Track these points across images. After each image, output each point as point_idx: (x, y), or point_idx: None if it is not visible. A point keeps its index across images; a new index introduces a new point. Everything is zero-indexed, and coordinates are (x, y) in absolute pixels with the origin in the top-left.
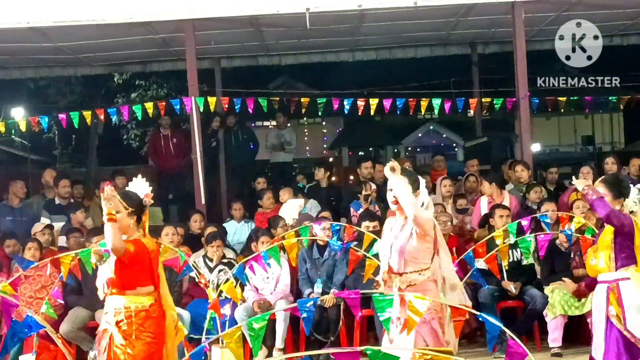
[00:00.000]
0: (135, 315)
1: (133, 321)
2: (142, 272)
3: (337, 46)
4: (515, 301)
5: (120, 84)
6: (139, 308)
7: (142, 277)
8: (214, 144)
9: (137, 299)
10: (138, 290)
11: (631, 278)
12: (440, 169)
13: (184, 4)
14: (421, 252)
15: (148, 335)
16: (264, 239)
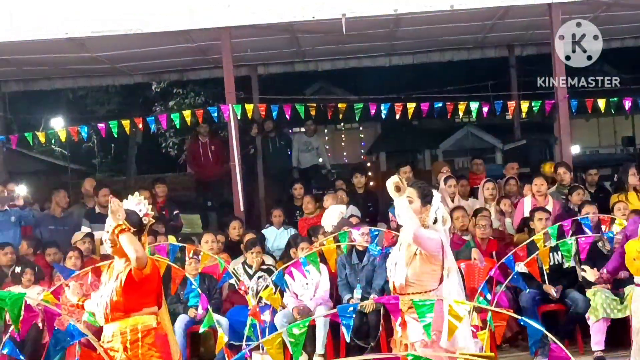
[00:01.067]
0: (144, 336)
1: (141, 343)
2: (150, 293)
3: (374, 51)
4: (557, 305)
5: (157, 93)
6: (147, 327)
7: (150, 297)
8: (252, 151)
9: (142, 319)
10: (143, 310)
11: None
12: (479, 173)
13: (220, 12)
14: (425, 275)
15: (159, 356)
16: (304, 245)
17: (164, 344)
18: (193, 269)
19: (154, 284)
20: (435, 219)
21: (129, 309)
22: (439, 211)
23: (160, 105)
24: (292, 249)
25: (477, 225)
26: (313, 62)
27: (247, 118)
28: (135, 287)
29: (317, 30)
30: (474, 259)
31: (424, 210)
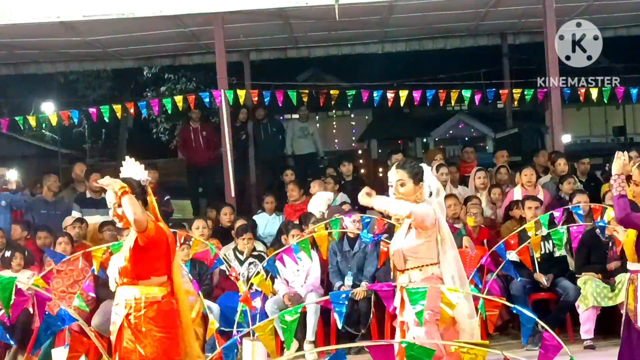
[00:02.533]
0: (146, 307)
1: (143, 314)
2: (158, 259)
3: (366, 38)
4: (548, 293)
5: (149, 78)
6: (150, 300)
7: (158, 264)
8: (244, 137)
9: (150, 290)
10: (152, 280)
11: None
12: (470, 161)
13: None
14: (421, 247)
15: (159, 330)
16: (295, 232)
17: (166, 318)
18: (184, 254)
19: (161, 249)
20: (430, 192)
21: (136, 275)
22: (432, 184)
23: (151, 90)
24: (283, 236)
25: (469, 214)
26: (306, 48)
27: (239, 104)
28: (142, 253)
29: (310, 17)
30: (465, 247)
31: (418, 188)
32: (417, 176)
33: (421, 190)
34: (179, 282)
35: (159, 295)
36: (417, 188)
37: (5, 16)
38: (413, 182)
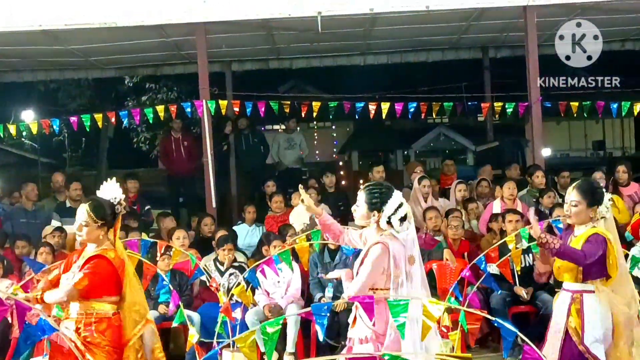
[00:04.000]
0: (96, 322)
1: (93, 329)
2: (108, 284)
3: (349, 50)
4: (527, 306)
5: (130, 87)
6: (101, 315)
7: (108, 288)
8: (225, 148)
9: (100, 306)
10: (104, 298)
11: (595, 292)
12: (450, 174)
13: (196, 7)
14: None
15: (107, 344)
16: (276, 242)
17: (114, 334)
18: (165, 265)
19: (110, 278)
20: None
21: (86, 295)
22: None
23: (132, 99)
24: (265, 247)
25: (449, 226)
26: (288, 59)
27: (221, 115)
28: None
29: (292, 28)
30: (445, 259)
31: (371, 215)
32: (373, 205)
33: (376, 217)
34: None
35: (110, 312)
36: (369, 214)
37: None
38: (367, 207)
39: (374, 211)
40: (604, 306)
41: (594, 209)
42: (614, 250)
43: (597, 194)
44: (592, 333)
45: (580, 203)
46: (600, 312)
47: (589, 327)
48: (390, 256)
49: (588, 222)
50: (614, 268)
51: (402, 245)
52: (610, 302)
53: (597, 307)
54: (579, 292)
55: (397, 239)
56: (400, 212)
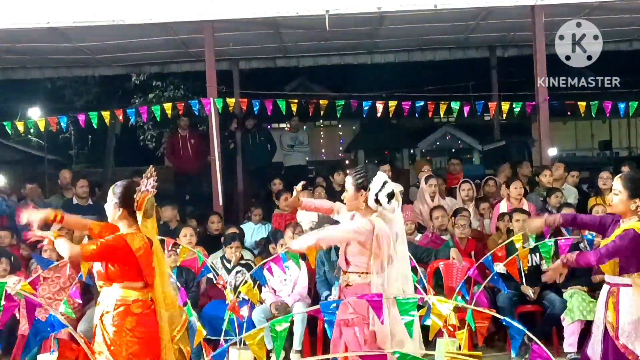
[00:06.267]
0: (116, 308)
1: (112, 316)
2: (127, 267)
3: (356, 49)
4: (534, 305)
5: (137, 85)
6: (120, 303)
7: (129, 272)
8: (232, 146)
9: (123, 292)
10: (125, 284)
11: (633, 286)
12: (456, 173)
13: (203, 5)
14: (358, 255)
15: (127, 332)
16: (283, 241)
17: (137, 322)
18: (172, 261)
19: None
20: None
21: (108, 278)
22: (382, 192)
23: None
24: (272, 245)
25: (456, 225)
26: (295, 58)
27: (227, 113)
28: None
29: (300, 26)
30: (452, 258)
31: (359, 195)
32: (359, 184)
33: (364, 196)
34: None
35: (130, 299)
36: (357, 195)
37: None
38: (354, 188)
39: (360, 190)
40: None
41: (635, 201)
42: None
43: (638, 185)
44: (625, 327)
45: (622, 193)
46: (635, 306)
47: (622, 321)
48: (374, 235)
49: (634, 216)
50: None
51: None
52: None
53: (632, 301)
54: (616, 285)
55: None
56: (386, 188)
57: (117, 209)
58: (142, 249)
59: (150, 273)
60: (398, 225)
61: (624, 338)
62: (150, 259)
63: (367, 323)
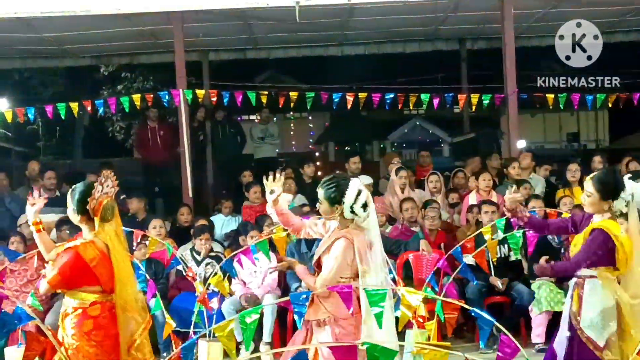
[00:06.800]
0: (74, 311)
1: (71, 319)
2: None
3: (326, 41)
4: (502, 297)
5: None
6: (78, 305)
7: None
8: (202, 138)
9: (82, 295)
10: (84, 288)
11: (597, 277)
12: (425, 165)
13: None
14: None
15: (83, 336)
16: (253, 233)
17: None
18: (141, 254)
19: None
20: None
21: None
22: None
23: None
24: (242, 237)
25: (426, 217)
26: (265, 49)
27: (197, 104)
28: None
29: (270, 18)
30: (422, 250)
31: (334, 209)
32: (333, 199)
33: (339, 210)
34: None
35: (87, 302)
36: (332, 209)
37: None
38: (328, 203)
39: (335, 205)
40: (605, 293)
41: (608, 202)
42: (622, 247)
43: (611, 187)
44: (588, 316)
45: (593, 195)
46: (599, 297)
47: (585, 310)
48: (355, 251)
49: (606, 213)
50: (623, 264)
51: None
52: (613, 291)
53: (596, 292)
54: (582, 278)
55: (361, 230)
56: (361, 199)
57: (76, 215)
58: (95, 259)
59: (107, 280)
60: (373, 234)
61: (587, 329)
62: (107, 265)
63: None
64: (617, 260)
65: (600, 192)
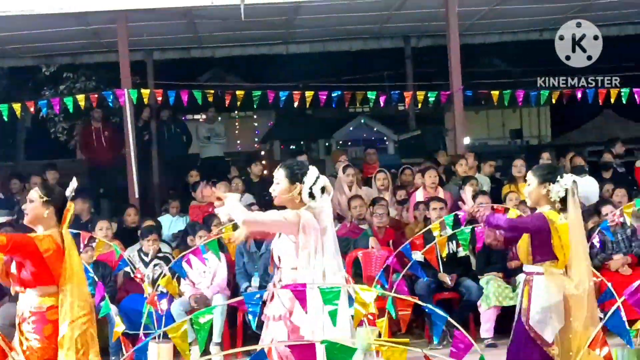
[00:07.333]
0: (30, 316)
1: (29, 324)
2: (38, 270)
3: (271, 39)
4: (451, 293)
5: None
6: (35, 310)
7: (41, 276)
8: (147, 138)
9: (38, 301)
10: (38, 288)
11: (544, 274)
12: (372, 162)
13: None
14: (289, 250)
15: (44, 340)
16: (202, 233)
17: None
18: (88, 257)
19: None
20: (311, 194)
21: (22, 282)
22: (315, 186)
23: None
24: (190, 237)
25: (374, 214)
26: (210, 48)
27: (142, 104)
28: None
29: (215, 16)
30: (371, 247)
31: (292, 188)
32: (294, 177)
33: (298, 190)
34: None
35: (45, 306)
36: (292, 187)
37: None
38: (288, 181)
39: (295, 183)
40: (552, 288)
41: (545, 186)
42: (557, 232)
43: (546, 171)
44: (536, 313)
45: (531, 181)
46: (545, 293)
47: (533, 307)
48: (300, 225)
49: (547, 204)
50: (559, 250)
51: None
52: (561, 285)
53: (543, 288)
54: (531, 274)
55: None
56: (320, 182)
57: (46, 206)
58: (50, 251)
59: (59, 276)
60: (327, 220)
61: (534, 323)
62: (60, 260)
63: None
64: (553, 247)
65: (538, 177)
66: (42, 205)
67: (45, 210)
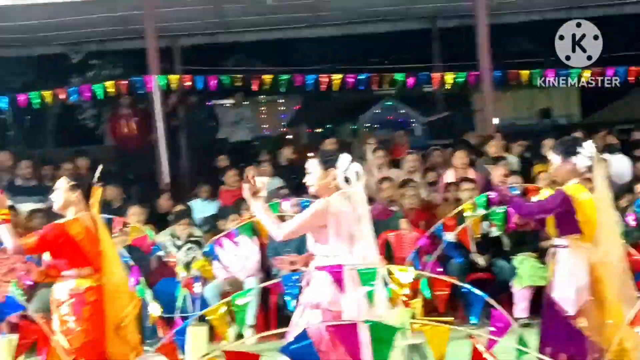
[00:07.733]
0: (69, 299)
1: (67, 306)
2: (71, 255)
3: (298, 22)
4: (484, 273)
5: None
6: (73, 293)
7: (75, 260)
8: (175, 123)
9: (75, 283)
10: (74, 271)
11: (569, 247)
12: (402, 144)
13: None
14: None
15: (82, 322)
16: (233, 217)
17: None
18: (122, 241)
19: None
20: (347, 178)
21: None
22: (349, 171)
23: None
24: (221, 221)
25: (405, 196)
26: (236, 33)
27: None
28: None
29: (241, 1)
30: (402, 229)
31: (327, 174)
32: (327, 163)
33: (331, 175)
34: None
35: (82, 288)
36: (326, 174)
37: None
38: (322, 167)
39: (329, 168)
40: (576, 261)
41: (570, 162)
42: (581, 208)
43: (566, 146)
44: (560, 288)
45: (554, 159)
46: (569, 266)
47: (558, 282)
48: (330, 213)
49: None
50: (585, 226)
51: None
52: (586, 258)
53: (567, 261)
54: (556, 247)
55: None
56: (353, 167)
57: (73, 191)
58: (82, 233)
59: (95, 258)
60: (361, 207)
61: (558, 296)
62: (94, 242)
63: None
64: (579, 223)
65: (560, 154)
66: (69, 190)
67: (73, 194)
